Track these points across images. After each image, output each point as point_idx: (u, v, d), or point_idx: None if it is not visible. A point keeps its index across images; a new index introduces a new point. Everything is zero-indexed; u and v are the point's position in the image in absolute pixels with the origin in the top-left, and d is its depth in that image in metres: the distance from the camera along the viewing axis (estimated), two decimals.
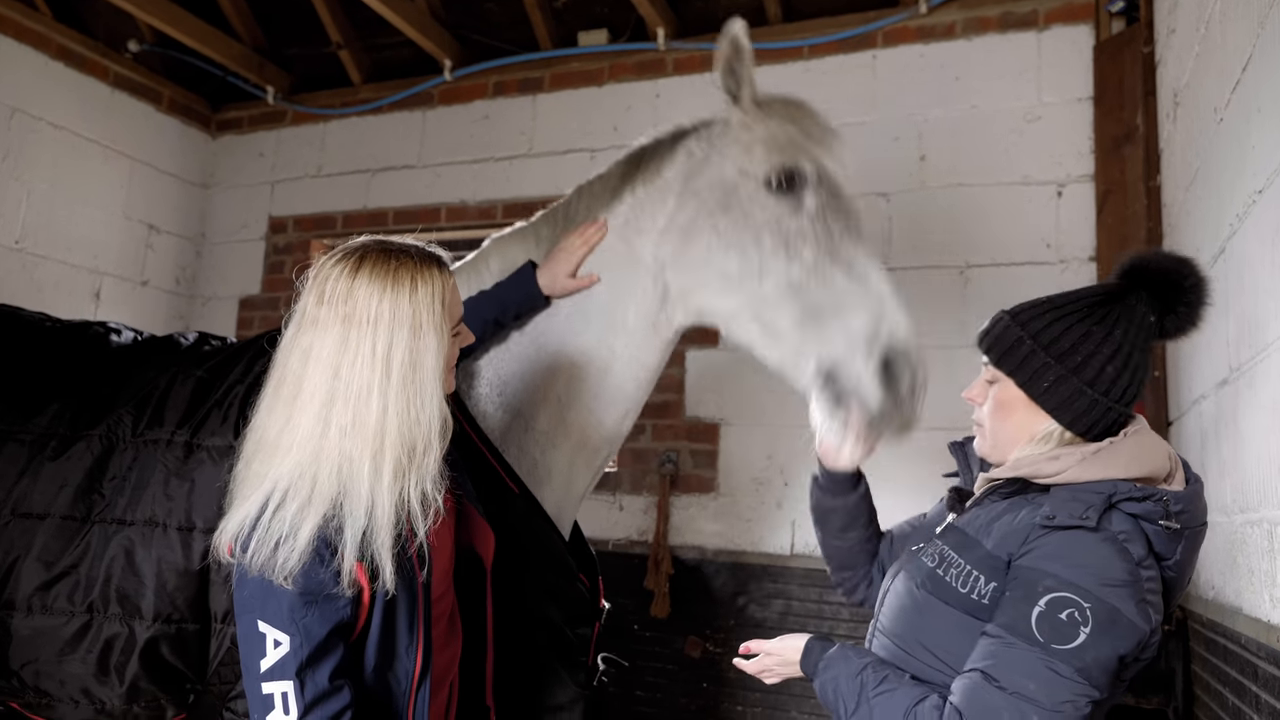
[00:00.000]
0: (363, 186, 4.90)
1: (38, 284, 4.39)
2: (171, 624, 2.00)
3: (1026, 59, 3.72)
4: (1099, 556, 1.39)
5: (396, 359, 1.46)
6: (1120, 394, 1.51)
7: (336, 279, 1.51)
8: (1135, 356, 1.52)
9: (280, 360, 1.53)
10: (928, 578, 1.57)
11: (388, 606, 1.49)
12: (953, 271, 3.67)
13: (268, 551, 1.39)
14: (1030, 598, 1.39)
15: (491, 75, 4.68)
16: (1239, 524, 2.17)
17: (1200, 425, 2.62)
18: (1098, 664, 1.35)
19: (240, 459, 1.53)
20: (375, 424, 1.44)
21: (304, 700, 1.40)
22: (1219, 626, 2.31)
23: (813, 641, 1.66)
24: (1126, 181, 3.36)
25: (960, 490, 1.72)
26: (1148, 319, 1.54)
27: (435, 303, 1.51)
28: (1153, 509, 1.43)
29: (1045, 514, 1.45)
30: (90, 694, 2.02)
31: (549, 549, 2.09)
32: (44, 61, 4.43)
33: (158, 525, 2.03)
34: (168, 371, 2.22)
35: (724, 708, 3.74)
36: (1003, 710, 1.34)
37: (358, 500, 1.43)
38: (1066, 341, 1.52)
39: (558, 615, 2.05)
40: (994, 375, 1.60)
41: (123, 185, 4.82)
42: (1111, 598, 1.36)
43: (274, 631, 1.41)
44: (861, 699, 1.49)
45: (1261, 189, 1.95)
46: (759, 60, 4.23)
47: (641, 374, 2.23)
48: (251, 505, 1.45)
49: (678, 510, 3.97)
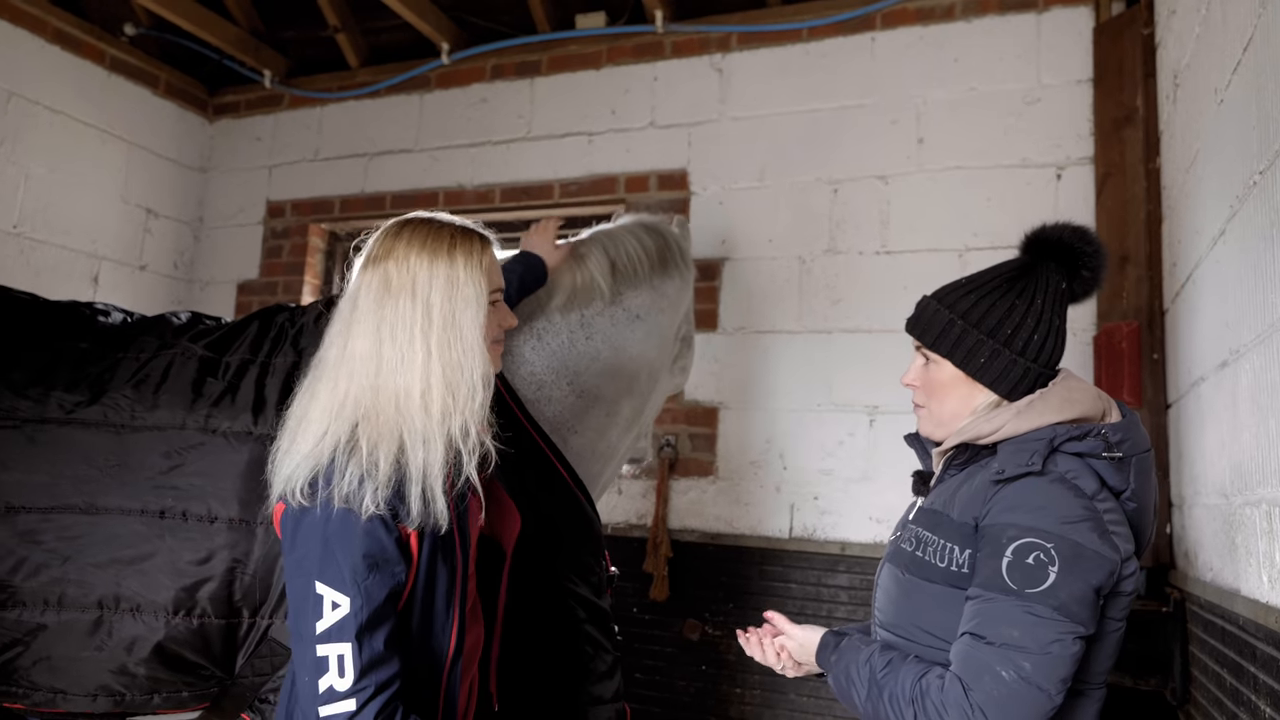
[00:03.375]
0: (360, 170, 4.88)
1: (35, 268, 4.38)
2: (193, 618, 1.95)
3: (1026, 41, 3.70)
4: (1052, 497, 1.46)
5: (436, 307, 1.53)
6: (1048, 358, 1.63)
7: (379, 243, 1.60)
8: (1055, 321, 1.64)
9: (332, 324, 1.60)
10: (910, 562, 1.63)
11: (429, 579, 1.50)
12: (951, 255, 3.67)
13: (354, 485, 1.42)
14: (997, 551, 1.45)
15: (489, 58, 4.65)
16: (1237, 505, 2.17)
17: (1199, 407, 2.62)
18: (1074, 599, 1.41)
19: (295, 407, 1.56)
20: (421, 364, 1.50)
21: (360, 663, 1.40)
22: (1217, 608, 2.31)
23: (828, 636, 1.70)
24: (1126, 164, 3.35)
25: (923, 473, 1.79)
26: (1060, 285, 1.66)
27: (474, 264, 1.58)
28: (1094, 444, 1.52)
29: (995, 470, 1.53)
30: (109, 688, 1.97)
31: (588, 529, 2.20)
32: (40, 45, 4.41)
33: (174, 516, 1.98)
34: (164, 351, 2.16)
35: (723, 690, 3.76)
36: (994, 664, 1.39)
37: (415, 435, 1.47)
38: (994, 317, 1.63)
39: (586, 590, 2.11)
40: (929, 357, 1.70)
41: (120, 169, 4.80)
42: (1072, 534, 1.43)
43: (333, 593, 1.41)
44: (871, 684, 1.53)
45: (1263, 170, 1.94)
46: (756, 43, 4.22)
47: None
48: (324, 446, 1.47)
49: (676, 494, 3.97)
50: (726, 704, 3.74)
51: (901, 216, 3.79)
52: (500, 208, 4.52)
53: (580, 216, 4.07)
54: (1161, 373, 3.16)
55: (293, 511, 1.48)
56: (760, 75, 4.13)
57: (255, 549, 1.98)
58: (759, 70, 4.15)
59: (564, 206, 4.40)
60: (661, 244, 2.86)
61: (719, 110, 4.18)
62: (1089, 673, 1.51)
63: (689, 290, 3.00)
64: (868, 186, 3.86)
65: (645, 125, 4.31)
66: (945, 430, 1.70)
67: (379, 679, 1.41)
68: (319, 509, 1.44)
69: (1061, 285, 1.66)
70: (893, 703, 1.49)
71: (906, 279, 3.68)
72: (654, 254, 2.82)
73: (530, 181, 4.48)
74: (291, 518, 1.48)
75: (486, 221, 2.37)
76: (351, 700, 1.39)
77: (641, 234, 2.84)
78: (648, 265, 2.78)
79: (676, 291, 2.88)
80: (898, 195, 3.80)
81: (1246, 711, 1.99)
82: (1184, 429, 2.85)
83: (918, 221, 3.73)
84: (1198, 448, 2.63)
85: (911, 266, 3.70)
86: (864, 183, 3.87)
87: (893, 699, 1.49)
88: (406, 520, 1.46)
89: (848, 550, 3.64)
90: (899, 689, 1.48)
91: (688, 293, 2.98)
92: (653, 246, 2.84)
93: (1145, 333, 3.20)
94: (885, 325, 3.72)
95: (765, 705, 3.68)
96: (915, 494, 1.78)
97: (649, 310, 2.72)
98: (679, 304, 2.90)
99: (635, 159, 4.29)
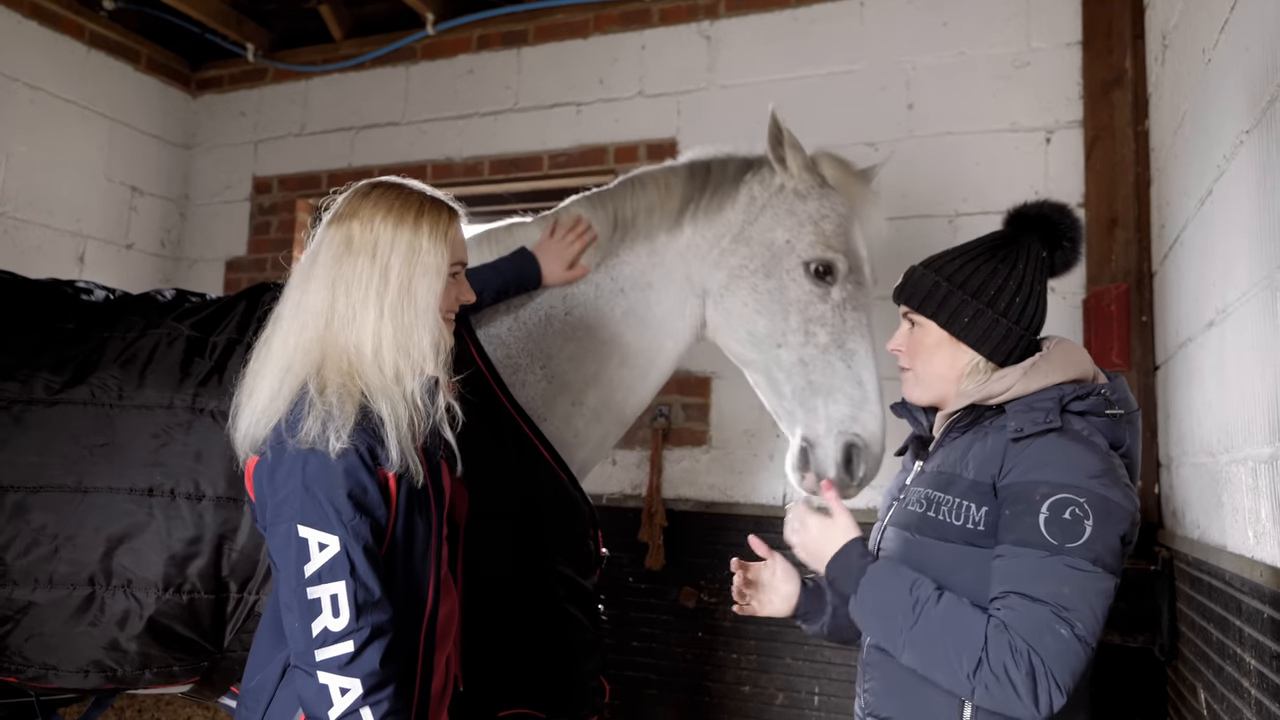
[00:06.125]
0: (347, 144, 4.84)
1: (20, 248, 4.34)
2: (183, 594, 1.97)
3: (1015, 4, 3.68)
4: (1074, 454, 1.51)
5: (394, 271, 1.52)
6: (1029, 321, 1.68)
7: (347, 201, 1.60)
8: (1037, 287, 1.69)
9: (290, 277, 1.62)
10: (919, 521, 1.64)
11: (408, 530, 1.50)
12: (941, 220, 3.67)
13: (318, 430, 1.42)
14: (1032, 509, 1.48)
15: (475, 29, 4.61)
16: (1224, 463, 2.20)
17: (1187, 368, 2.64)
18: (1108, 551, 1.46)
19: (251, 362, 1.57)
20: (373, 324, 1.50)
21: (355, 603, 1.36)
22: (1204, 565, 2.35)
23: (853, 543, 1.66)
24: (1115, 126, 3.35)
25: (920, 438, 1.83)
26: (1040, 255, 1.72)
27: (438, 234, 1.57)
28: (1096, 403, 1.58)
29: (1013, 429, 1.56)
30: (100, 664, 2.00)
31: (570, 507, 2.18)
32: (17, 20, 4.34)
33: (163, 494, 1.99)
34: (151, 331, 2.16)
35: (719, 656, 3.81)
36: (1051, 622, 1.40)
37: (374, 390, 1.47)
38: (977, 280, 1.68)
39: (569, 569, 2.11)
40: (916, 320, 1.75)
41: (103, 147, 4.75)
42: (1098, 488, 1.48)
43: (318, 534, 1.38)
44: (921, 614, 1.48)
45: (1249, 129, 1.94)
46: (745, 9, 4.18)
47: (678, 361, 2.54)
48: (283, 392, 1.48)
49: (670, 463, 3.99)
50: (723, 669, 3.79)
51: (891, 183, 3.78)
52: (489, 180, 4.50)
53: (569, 188, 4.05)
54: (1150, 334, 3.19)
55: (266, 462, 1.46)
56: (749, 42, 4.11)
57: (243, 525, 2.00)
58: (747, 37, 4.12)
59: (553, 178, 4.38)
60: (698, 173, 2.47)
61: (707, 78, 4.16)
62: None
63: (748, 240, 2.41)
64: (857, 153, 3.83)
65: (634, 94, 4.28)
66: (930, 392, 1.75)
67: (375, 621, 1.38)
68: (289, 456, 1.43)
69: (1042, 254, 1.72)
70: (939, 643, 1.44)
71: (898, 246, 3.67)
72: (682, 192, 2.45)
73: (519, 153, 4.45)
74: (265, 468, 1.46)
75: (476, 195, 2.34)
76: (349, 641, 1.35)
77: (669, 173, 2.50)
78: (659, 214, 2.45)
79: (710, 240, 2.42)
80: (887, 161, 3.79)
81: (1232, 664, 2.03)
82: (1172, 389, 2.88)
83: (908, 187, 3.73)
84: (1186, 407, 2.65)
85: (902, 233, 3.70)
86: (853, 149, 3.84)
87: (939, 639, 1.44)
88: (386, 464, 1.45)
89: None
90: (957, 633, 1.44)
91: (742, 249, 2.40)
92: (681, 182, 2.46)
93: (1134, 295, 3.22)
94: (878, 291, 3.72)
95: (761, 670, 3.73)
96: (915, 458, 1.80)
97: (636, 283, 2.44)
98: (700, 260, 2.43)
99: (624, 129, 4.26)
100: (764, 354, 2.38)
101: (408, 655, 1.50)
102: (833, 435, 2.28)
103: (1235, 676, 2.00)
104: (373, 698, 1.36)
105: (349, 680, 1.35)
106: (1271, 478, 1.80)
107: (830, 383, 2.30)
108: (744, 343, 2.42)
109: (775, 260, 2.37)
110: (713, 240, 2.44)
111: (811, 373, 2.32)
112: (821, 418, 2.30)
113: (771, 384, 2.40)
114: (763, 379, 2.44)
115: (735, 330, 2.41)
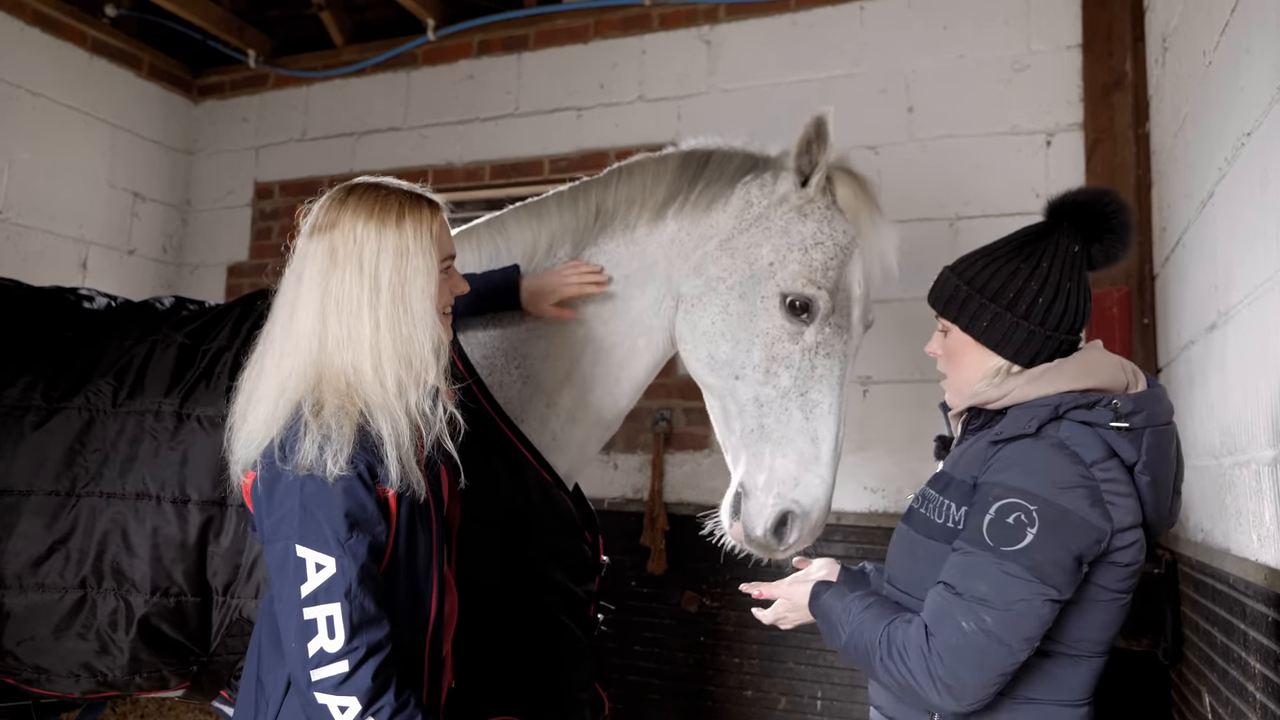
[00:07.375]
0: (348, 150, 4.85)
1: (23, 254, 4.35)
2: (170, 597, 2.00)
3: (1015, 7, 3.69)
4: (1048, 462, 1.49)
5: (385, 277, 1.49)
6: (1057, 322, 1.61)
7: (325, 211, 1.55)
8: (1066, 285, 1.62)
9: (277, 295, 1.57)
10: (914, 518, 1.70)
11: (409, 544, 1.49)
12: (942, 224, 3.66)
13: (315, 454, 1.39)
14: (983, 508, 1.49)
15: (475, 34, 4.61)
16: (1227, 466, 2.19)
17: (1189, 370, 2.64)
18: (1049, 562, 1.43)
19: (244, 383, 1.54)
20: (369, 339, 1.47)
21: (351, 623, 1.36)
22: (1208, 568, 2.34)
23: (818, 586, 1.74)
24: (1115, 129, 3.35)
25: (944, 438, 1.84)
26: (1072, 249, 1.63)
27: (423, 232, 1.53)
28: (1102, 414, 1.52)
29: (994, 432, 1.56)
30: (91, 668, 2.02)
31: (558, 513, 2.16)
32: (20, 27, 4.36)
33: (150, 498, 2.01)
34: (146, 339, 2.18)
35: (721, 660, 3.80)
36: (957, 614, 1.44)
37: (375, 408, 1.45)
38: (996, 282, 1.64)
39: (562, 576, 2.09)
40: (944, 325, 1.72)
41: (105, 153, 4.76)
42: (1060, 499, 1.45)
43: (315, 555, 1.38)
44: (851, 626, 1.59)
45: (1250, 131, 1.94)
46: (744, 14, 4.19)
47: (655, 363, 2.37)
48: (278, 416, 1.45)
49: (672, 468, 3.99)
50: (725, 674, 3.78)
51: (892, 186, 3.77)
52: (490, 185, 4.50)
53: None
54: (1152, 337, 3.18)
55: (264, 479, 1.46)
56: (749, 46, 4.11)
57: (225, 527, 2.03)
58: (747, 41, 4.12)
59: (554, 183, 4.37)
60: (690, 165, 2.30)
61: (708, 83, 4.16)
62: (1081, 639, 1.52)
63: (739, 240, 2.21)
64: (858, 156, 3.82)
65: (634, 99, 4.28)
66: (960, 398, 1.72)
67: (370, 640, 1.38)
68: (289, 475, 1.42)
69: (1074, 249, 1.63)
70: (861, 641, 1.55)
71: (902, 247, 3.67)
72: (669, 183, 2.28)
73: (520, 158, 4.46)
74: (263, 485, 1.46)
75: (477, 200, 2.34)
76: (344, 661, 1.35)
77: (660, 163, 2.33)
78: (639, 206, 2.28)
79: (695, 239, 2.24)
80: (888, 165, 3.79)
81: (1237, 668, 2.02)
82: (1175, 392, 2.87)
83: (908, 191, 3.73)
84: (1188, 410, 2.65)
85: (904, 236, 3.68)
86: (854, 153, 3.83)
87: (862, 638, 1.54)
88: (386, 482, 1.44)
89: (843, 520, 3.66)
90: (871, 630, 1.53)
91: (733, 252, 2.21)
92: (670, 173, 2.29)
93: (1135, 298, 3.21)
94: (879, 295, 3.71)
95: (763, 674, 3.72)
96: (938, 458, 1.81)
97: (612, 272, 2.28)
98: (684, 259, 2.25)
99: (625, 133, 4.27)
100: (721, 381, 2.19)
101: (414, 663, 1.51)
102: (771, 494, 2.07)
103: (1240, 680, 1.99)
104: (373, 708, 1.37)
105: (346, 699, 1.36)
106: (1275, 480, 1.79)
107: (783, 432, 2.08)
108: (704, 363, 2.22)
109: (754, 282, 2.15)
110: (698, 240, 2.24)
111: (765, 416, 2.11)
112: (765, 467, 2.10)
113: (724, 415, 2.22)
114: (717, 406, 2.26)
115: (698, 349, 2.22)
